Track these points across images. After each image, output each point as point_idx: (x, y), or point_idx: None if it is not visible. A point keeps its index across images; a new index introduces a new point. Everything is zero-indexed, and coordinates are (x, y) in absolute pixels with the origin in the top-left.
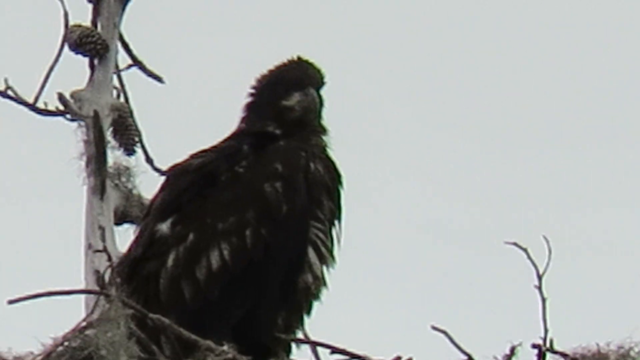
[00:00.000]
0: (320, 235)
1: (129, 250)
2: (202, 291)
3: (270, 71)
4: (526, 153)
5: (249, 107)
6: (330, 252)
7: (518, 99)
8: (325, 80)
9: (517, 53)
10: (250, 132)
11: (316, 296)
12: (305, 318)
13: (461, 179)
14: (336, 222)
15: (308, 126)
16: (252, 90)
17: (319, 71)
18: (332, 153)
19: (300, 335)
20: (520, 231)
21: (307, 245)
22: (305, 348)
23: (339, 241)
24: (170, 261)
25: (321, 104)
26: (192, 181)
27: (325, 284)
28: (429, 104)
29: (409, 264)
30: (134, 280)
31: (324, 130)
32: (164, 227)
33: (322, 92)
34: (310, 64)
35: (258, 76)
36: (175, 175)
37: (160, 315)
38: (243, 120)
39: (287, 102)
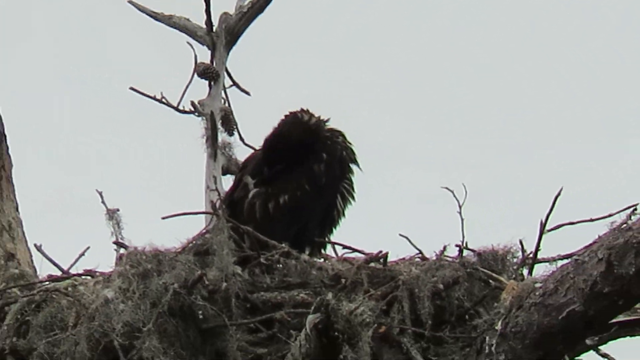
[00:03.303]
0: (347, 186)
1: (229, 191)
2: (271, 217)
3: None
4: None
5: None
6: (351, 194)
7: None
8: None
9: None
10: None
11: (340, 218)
12: (333, 231)
13: None
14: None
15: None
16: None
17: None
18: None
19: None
20: None
21: (337, 197)
22: (329, 247)
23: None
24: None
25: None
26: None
27: (344, 214)
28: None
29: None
30: (231, 208)
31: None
32: (249, 179)
33: None
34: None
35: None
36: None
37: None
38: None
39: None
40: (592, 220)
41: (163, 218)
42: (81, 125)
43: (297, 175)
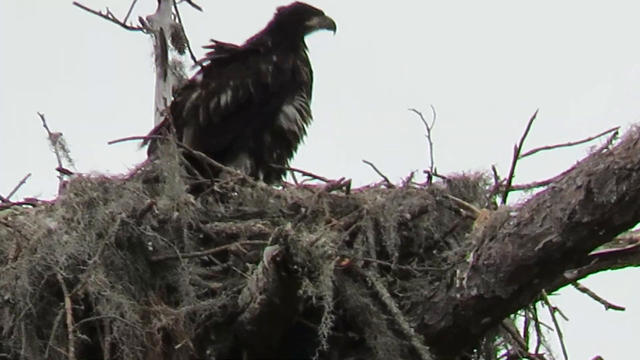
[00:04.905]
0: (302, 103)
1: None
2: (210, 117)
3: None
4: None
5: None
6: (309, 113)
7: None
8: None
9: None
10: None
11: (299, 141)
12: (293, 156)
13: None
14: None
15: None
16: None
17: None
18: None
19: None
20: None
21: (281, 105)
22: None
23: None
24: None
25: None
26: (224, 57)
27: (305, 132)
28: None
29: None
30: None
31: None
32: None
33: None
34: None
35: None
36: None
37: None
38: (270, 25)
39: (309, 23)
40: (570, 144)
41: (109, 143)
42: (20, 42)
43: (243, 72)
